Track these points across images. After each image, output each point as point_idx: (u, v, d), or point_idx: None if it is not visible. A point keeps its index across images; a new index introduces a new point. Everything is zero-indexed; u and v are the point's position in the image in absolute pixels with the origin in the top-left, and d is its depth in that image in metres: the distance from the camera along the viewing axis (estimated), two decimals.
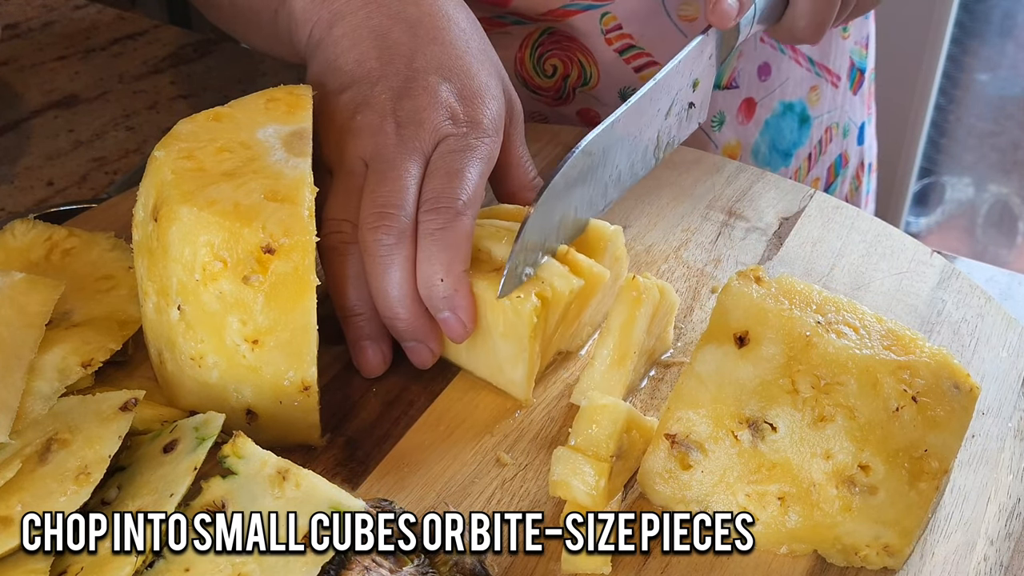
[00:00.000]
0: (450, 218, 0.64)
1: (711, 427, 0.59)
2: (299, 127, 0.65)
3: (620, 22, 0.93)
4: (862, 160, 1.15)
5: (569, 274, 0.66)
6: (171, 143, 0.63)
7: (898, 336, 0.60)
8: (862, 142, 1.14)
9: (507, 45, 0.95)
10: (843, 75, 1.07)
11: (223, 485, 0.55)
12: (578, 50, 0.94)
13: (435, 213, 0.64)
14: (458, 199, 0.64)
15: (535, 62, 0.95)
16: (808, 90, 1.04)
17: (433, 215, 0.64)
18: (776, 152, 1.04)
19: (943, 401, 0.58)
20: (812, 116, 1.06)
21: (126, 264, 0.70)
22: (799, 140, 1.06)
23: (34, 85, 1.01)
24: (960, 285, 0.77)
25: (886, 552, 0.58)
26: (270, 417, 0.62)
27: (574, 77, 0.95)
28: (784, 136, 1.04)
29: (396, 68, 0.69)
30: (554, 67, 0.95)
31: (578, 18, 0.93)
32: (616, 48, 0.94)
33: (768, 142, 1.04)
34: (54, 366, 0.62)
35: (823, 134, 1.08)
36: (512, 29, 0.95)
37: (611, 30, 0.93)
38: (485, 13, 0.95)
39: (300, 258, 0.59)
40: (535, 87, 0.97)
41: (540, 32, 0.94)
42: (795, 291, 0.62)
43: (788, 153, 1.05)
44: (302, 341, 0.60)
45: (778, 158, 1.05)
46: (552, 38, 0.94)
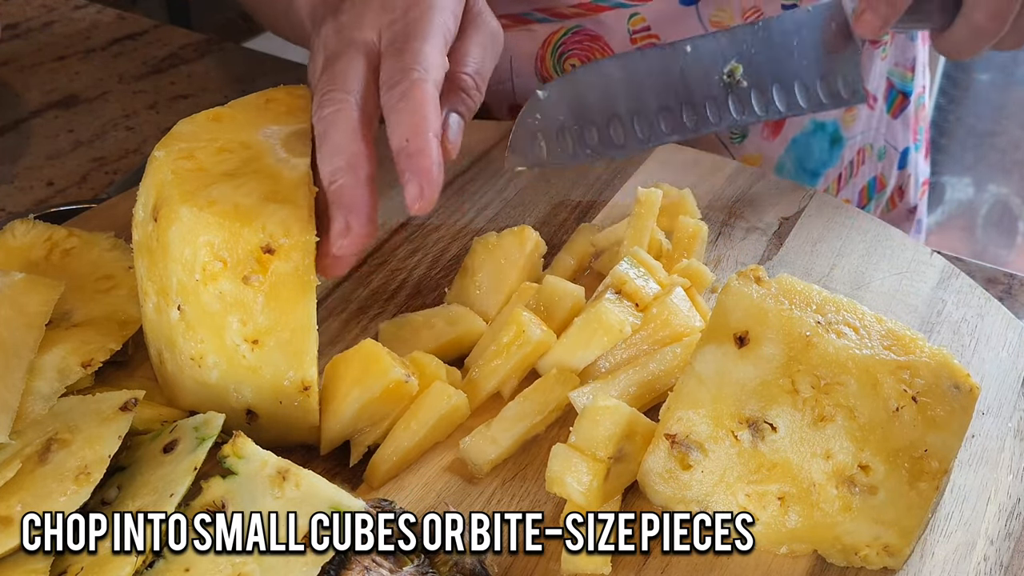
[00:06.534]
0: (407, 87, 0.62)
1: (711, 427, 0.59)
2: (299, 127, 0.66)
3: (649, 24, 0.93)
4: (901, 184, 1.12)
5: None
6: (171, 143, 0.63)
7: (898, 336, 0.60)
8: (904, 166, 1.11)
9: (529, 43, 0.95)
10: (880, 97, 1.05)
11: (223, 485, 0.55)
12: (599, 50, 0.94)
13: (392, 88, 0.63)
14: (412, 69, 0.63)
15: (555, 61, 0.95)
16: (843, 110, 1.02)
17: (390, 91, 0.63)
18: (803, 170, 1.03)
19: (943, 401, 0.58)
20: (845, 137, 1.04)
21: (126, 264, 0.70)
22: (829, 160, 1.04)
23: (34, 85, 1.01)
24: (960, 285, 0.77)
25: (886, 552, 0.58)
26: (270, 417, 0.62)
27: None
28: (813, 155, 1.03)
29: None
30: (573, 67, 0.95)
31: (607, 15, 0.93)
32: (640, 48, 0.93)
33: (794, 159, 1.02)
34: (54, 366, 0.62)
35: (855, 156, 1.06)
36: (536, 27, 0.95)
37: (638, 31, 0.93)
38: (511, 10, 0.94)
39: (300, 258, 0.59)
40: None
41: (564, 32, 0.94)
42: (795, 291, 0.62)
43: (816, 172, 1.04)
44: (302, 341, 0.60)
45: (804, 176, 1.03)
46: (575, 38, 0.94)
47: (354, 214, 0.60)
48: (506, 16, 0.95)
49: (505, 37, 0.95)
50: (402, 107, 0.62)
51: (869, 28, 0.77)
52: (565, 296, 0.69)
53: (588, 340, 0.66)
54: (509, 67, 0.98)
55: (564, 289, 0.69)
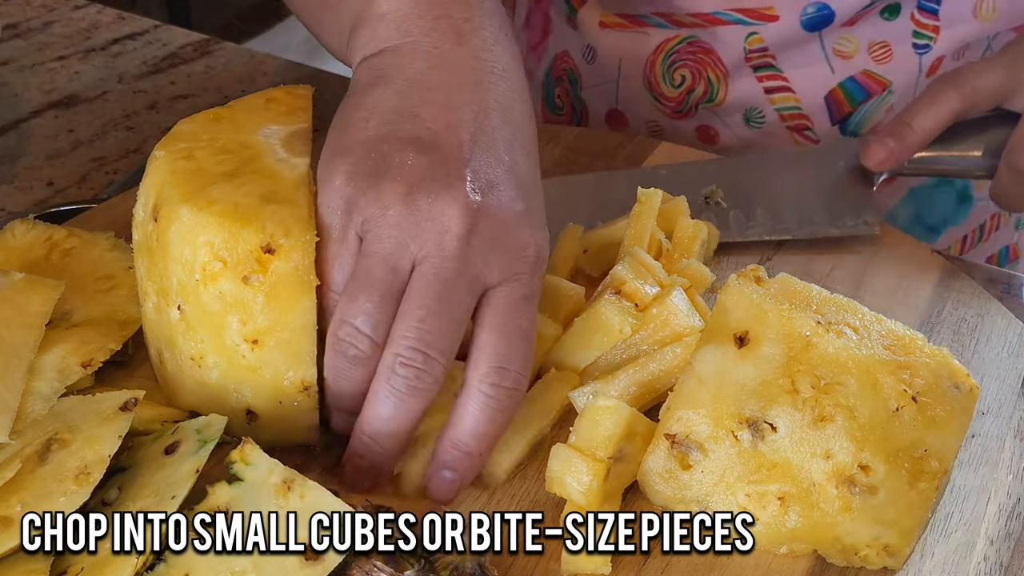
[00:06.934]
0: (512, 394, 0.58)
1: (711, 427, 0.59)
2: (299, 127, 0.65)
3: (766, 44, 0.90)
4: None
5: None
6: (171, 143, 0.63)
7: (898, 336, 0.60)
8: None
9: (642, 47, 0.93)
10: None
11: (229, 491, 0.55)
12: (711, 65, 0.91)
13: (501, 378, 0.57)
14: (523, 374, 0.58)
15: (665, 69, 0.93)
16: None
17: (499, 378, 0.57)
18: (920, 224, 0.97)
19: (943, 401, 0.58)
20: (975, 196, 0.97)
21: (126, 264, 0.70)
22: (953, 218, 0.98)
23: (34, 85, 1.01)
24: (960, 285, 0.77)
25: (886, 552, 0.58)
26: (270, 417, 0.62)
27: (699, 92, 0.93)
28: (934, 210, 0.97)
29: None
30: (683, 77, 0.93)
31: (723, 29, 0.90)
32: (753, 64, 0.91)
33: (911, 212, 0.97)
34: (54, 366, 0.62)
35: (988, 219, 0.99)
36: (651, 31, 0.93)
37: (754, 51, 0.90)
38: (628, 10, 0.93)
39: (300, 258, 0.59)
40: (659, 94, 0.95)
41: (678, 40, 0.92)
42: (795, 291, 0.62)
43: (936, 229, 0.98)
44: (302, 341, 0.60)
45: (921, 231, 0.97)
46: (688, 48, 0.92)
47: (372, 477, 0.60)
48: (623, 16, 0.93)
49: (618, 37, 0.94)
50: (496, 406, 0.57)
51: (875, 161, 0.77)
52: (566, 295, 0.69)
53: (588, 340, 0.66)
54: (617, 67, 0.96)
55: (565, 288, 0.69)
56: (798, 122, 0.93)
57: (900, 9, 0.89)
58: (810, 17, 0.88)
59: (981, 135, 0.79)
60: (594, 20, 0.95)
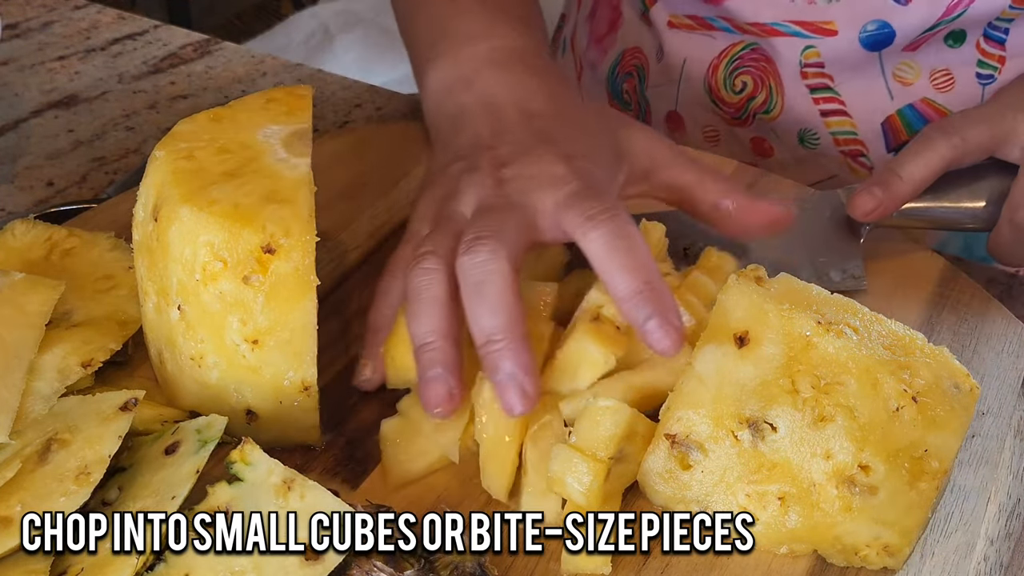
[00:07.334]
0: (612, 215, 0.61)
1: (711, 427, 0.59)
2: (299, 127, 0.65)
3: (823, 60, 0.88)
4: None
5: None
6: (171, 143, 0.63)
7: (898, 336, 0.60)
8: None
9: (707, 49, 0.92)
10: None
11: (229, 491, 0.55)
12: (772, 75, 0.90)
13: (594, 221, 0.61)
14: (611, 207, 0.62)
15: (727, 74, 0.92)
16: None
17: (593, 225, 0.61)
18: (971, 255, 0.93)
19: (943, 401, 0.58)
20: None
21: (126, 264, 0.70)
22: None
23: (34, 85, 1.01)
24: (960, 285, 0.77)
25: (886, 552, 0.58)
26: (270, 417, 0.62)
27: (759, 101, 0.92)
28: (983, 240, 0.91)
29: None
30: (744, 84, 0.92)
31: (779, 40, 0.88)
32: (809, 84, 0.89)
33: (961, 242, 0.94)
34: (54, 366, 0.62)
35: None
36: (718, 35, 0.92)
37: (810, 65, 0.89)
38: (697, 12, 0.91)
39: (300, 258, 0.59)
40: (719, 99, 0.94)
41: (742, 46, 0.91)
42: (795, 291, 0.62)
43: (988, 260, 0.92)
44: (302, 341, 0.60)
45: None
46: (751, 55, 0.90)
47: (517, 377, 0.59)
48: (691, 17, 0.92)
49: (684, 38, 0.93)
50: (621, 246, 0.60)
51: (862, 211, 0.74)
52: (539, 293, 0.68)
53: (574, 374, 0.63)
54: (680, 69, 0.95)
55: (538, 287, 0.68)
56: (853, 147, 0.91)
57: (966, 36, 0.86)
58: (870, 35, 0.85)
59: (974, 185, 0.76)
60: (663, 19, 0.94)
